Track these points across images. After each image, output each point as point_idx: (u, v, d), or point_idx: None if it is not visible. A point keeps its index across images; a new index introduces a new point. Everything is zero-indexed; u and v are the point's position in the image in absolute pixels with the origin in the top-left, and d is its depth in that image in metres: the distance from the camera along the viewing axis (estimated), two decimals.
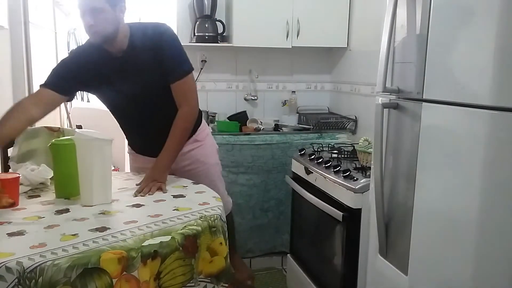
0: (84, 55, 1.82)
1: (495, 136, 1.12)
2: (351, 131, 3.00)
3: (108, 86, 1.81)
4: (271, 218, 2.89)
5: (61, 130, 2.03)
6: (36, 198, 1.57)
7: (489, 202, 1.15)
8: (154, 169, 1.75)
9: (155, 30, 1.80)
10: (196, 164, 1.99)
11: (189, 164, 1.98)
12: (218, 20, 2.97)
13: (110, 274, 1.08)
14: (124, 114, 1.94)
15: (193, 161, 1.99)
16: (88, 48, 1.81)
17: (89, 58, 1.79)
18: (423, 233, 1.37)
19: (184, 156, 1.94)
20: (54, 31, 3.81)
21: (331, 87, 3.37)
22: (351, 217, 1.87)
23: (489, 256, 1.16)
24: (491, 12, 1.11)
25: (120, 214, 1.42)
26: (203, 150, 2.02)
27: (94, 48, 1.77)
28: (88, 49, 1.81)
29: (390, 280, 1.55)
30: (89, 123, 2.20)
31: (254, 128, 2.93)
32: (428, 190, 1.35)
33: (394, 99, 1.53)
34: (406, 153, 1.46)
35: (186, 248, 1.25)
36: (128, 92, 1.80)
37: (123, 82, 1.79)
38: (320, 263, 2.24)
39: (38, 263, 1.04)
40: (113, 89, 1.82)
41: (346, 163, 2.16)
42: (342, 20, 3.04)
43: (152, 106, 1.85)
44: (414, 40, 1.42)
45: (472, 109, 1.16)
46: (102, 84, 1.81)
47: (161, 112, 1.84)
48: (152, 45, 1.76)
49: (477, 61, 1.16)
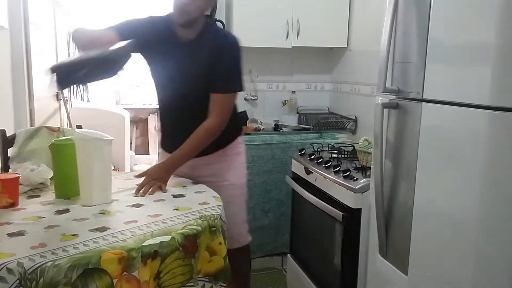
0: (157, 24, 1.85)
1: (495, 136, 1.12)
2: (351, 131, 3.00)
3: (161, 63, 1.84)
4: (272, 219, 2.89)
5: (61, 130, 2.02)
6: (36, 198, 1.57)
7: (489, 202, 1.15)
8: (158, 168, 1.75)
9: (226, 37, 1.86)
10: (215, 178, 1.88)
11: (209, 176, 1.88)
12: (218, 20, 2.95)
13: (110, 275, 1.08)
14: (165, 99, 1.91)
15: (213, 174, 1.89)
16: (162, 22, 1.84)
17: (159, 29, 1.83)
18: (423, 233, 1.38)
19: (206, 167, 1.89)
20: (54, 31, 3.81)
21: (331, 87, 3.37)
22: (351, 217, 1.87)
23: (489, 256, 1.16)
24: (491, 12, 1.11)
25: (120, 214, 1.42)
26: (228, 166, 1.93)
27: (167, 24, 1.82)
28: (162, 22, 1.84)
29: (390, 280, 1.55)
30: (89, 123, 2.20)
31: (254, 128, 2.93)
32: (428, 190, 1.35)
33: (394, 99, 1.53)
34: (406, 153, 1.46)
35: (186, 248, 1.25)
36: (176, 78, 1.82)
37: (176, 66, 1.81)
38: (320, 263, 2.24)
39: (38, 263, 1.04)
40: (164, 68, 1.83)
41: (346, 163, 2.16)
42: (342, 20, 3.04)
43: (191, 100, 1.83)
44: (414, 40, 1.42)
45: (472, 109, 1.16)
46: (156, 58, 1.84)
47: (197, 112, 1.81)
48: (216, 47, 1.78)
49: (477, 61, 1.16)
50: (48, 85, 1.51)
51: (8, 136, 1.97)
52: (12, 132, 2.04)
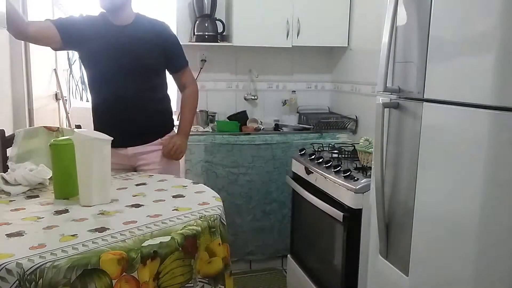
0: (91, 18, 2.01)
1: (496, 136, 1.11)
2: (352, 131, 2.99)
3: (103, 52, 1.93)
4: (273, 222, 2.88)
5: (60, 130, 2.02)
6: (35, 199, 1.56)
7: (490, 202, 1.14)
8: (178, 136, 2.05)
9: (161, 22, 2.06)
10: (154, 165, 2.04)
11: (148, 164, 2.04)
12: (218, 19, 2.96)
13: (110, 275, 1.07)
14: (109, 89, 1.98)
15: (152, 162, 2.04)
16: (98, 17, 2.00)
17: (95, 22, 1.98)
18: (424, 233, 1.37)
19: (144, 155, 2.03)
20: None
21: (331, 86, 3.36)
22: (351, 218, 1.86)
23: (490, 256, 1.16)
24: (492, 11, 1.10)
25: (120, 215, 1.41)
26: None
27: (101, 17, 1.98)
28: (96, 17, 2.01)
29: (391, 280, 1.54)
30: (88, 123, 2.19)
31: (254, 128, 2.92)
32: (429, 190, 1.34)
33: (394, 98, 1.52)
34: (407, 153, 1.46)
35: (186, 249, 1.24)
36: (123, 61, 1.93)
37: (117, 49, 1.93)
38: (320, 263, 2.23)
39: (38, 264, 1.03)
40: (108, 57, 1.93)
41: (346, 163, 2.15)
42: (343, 19, 3.04)
43: (133, 83, 1.95)
44: (415, 40, 1.42)
45: (473, 108, 1.16)
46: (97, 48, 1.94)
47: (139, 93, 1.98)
48: (159, 31, 2.01)
49: (478, 61, 1.15)
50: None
51: (7, 136, 1.97)
52: (11, 132, 2.04)
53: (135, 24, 1.97)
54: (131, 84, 1.95)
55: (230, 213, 2.68)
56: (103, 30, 1.95)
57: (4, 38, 2.66)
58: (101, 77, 1.98)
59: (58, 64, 3.89)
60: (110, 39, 1.94)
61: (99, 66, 1.97)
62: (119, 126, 1.93)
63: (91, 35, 1.94)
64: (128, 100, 1.96)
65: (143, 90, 1.97)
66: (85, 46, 1.97)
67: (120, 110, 1.98)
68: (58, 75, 3.81)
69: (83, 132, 1.54)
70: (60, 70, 4.01)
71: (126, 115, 1.97)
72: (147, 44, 1.96)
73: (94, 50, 1.95)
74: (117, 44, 1.93)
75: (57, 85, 3.80)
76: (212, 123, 2.96)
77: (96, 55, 1.95)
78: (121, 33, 1.95)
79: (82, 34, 1.93)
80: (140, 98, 1.97)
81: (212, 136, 2.73)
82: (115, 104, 1.98)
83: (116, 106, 1.98)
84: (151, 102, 2.01)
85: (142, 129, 2.01)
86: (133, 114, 1.98)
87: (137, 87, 1.96)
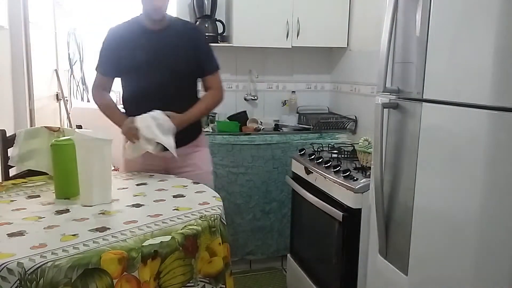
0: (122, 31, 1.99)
1: (495, 136, 1.12)
2: (351, 131, 2.99)
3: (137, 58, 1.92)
4: (273, 221, 2.88)
5: (61, 130, 2.03)
6: (36, 198, 1.57)
7: (489, 202, 1.14)
8: (178, 116, 1.90)
9: (192, 24, 2.10)
10: (192, 167, 2.03)
11: (186, 166, 2.01)
12: (218, 20, 2.97)
13: (110, 275, 1.08)
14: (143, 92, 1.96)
15: (190, 164, 2.02)
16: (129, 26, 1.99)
17: (128, 33, 1.97)
18: (423, 233, 1.38)
19: (183, 157, 1.97)
20: (54, 31, 3.81)
21: (331, 87, 3.37)
22: (351, 217, 1.87)
23: (489, 256, 1.16)
24: (491, 12, 1.11)
25: (120, 214, 1.42)
26: (201, 156, 2.09)
27: (135, 26, 1.97)
28: (129, 27, 1.99)
29: (390, 280, 1.55)
30: (89, 123, 2.19)
31: (254, 128, 2.93)
32: (428, 190, 1.35)
33: (394, 99, 1.53)
34: (406, 153, 1.46)
35: (186, 248, 1.25)
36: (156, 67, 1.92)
37: (154, 55, 1.92)
38: (320, 263, 2.24)
39: (38, 264, 1.04)
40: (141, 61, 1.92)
41: (346, 163, 2.16)
42: (342, 20, 3.04)
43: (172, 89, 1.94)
44: (414, 40, 1.42)
45: (472, 109, 1.16)
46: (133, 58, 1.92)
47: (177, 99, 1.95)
48: (192, 35, 2.01)
49: (477, 61, 1.16)
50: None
51: (8, 136, 1.97)
52: (12, 132, 2.04)
53: (170, 29, 1.96)
54: (169, 90, 1.94)
55: (230, 213, 2.68)
56: (138, 38, 1.94)
57: (5, 39, 2.67)
58: (140, 85, 1.97)
59: (59, 65, 3.90)
60: (146, 47, 1.93)
61: (136, 74, 1.96)
62: None
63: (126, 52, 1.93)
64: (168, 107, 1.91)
65: (181, 96, 1.97)
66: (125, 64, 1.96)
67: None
68: (59, 76, 3.81)
69: (84, 132, 1.55)
70: (61, 71, 4.02)
71: None
72: (181, 50, 1.95)
73: (131, 62, 1.93)
74: (153, 51, 1.92)
75: (58, 85, 3.81)
76: (212, 124, 2.96)
77: (134, 66, 1.94)
78: (157, 39, 1.93)
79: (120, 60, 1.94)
80: (178, 103, 1.94)
81: (212, 136, 2.73)
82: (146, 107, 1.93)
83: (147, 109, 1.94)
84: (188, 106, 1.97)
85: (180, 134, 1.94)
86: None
87: (175, 92, 1.95)
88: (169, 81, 1.93)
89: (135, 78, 1.97)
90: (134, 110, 1.92)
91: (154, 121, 1.83)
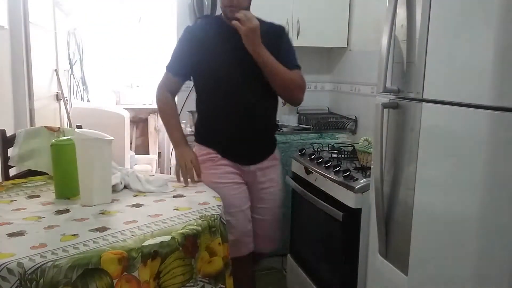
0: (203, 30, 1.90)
1: (495, 136, 1.12)
2: (351, 131, 2.99)
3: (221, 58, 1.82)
4: None
5: (61, 130, 2.03)
6: (36, 198, 1.57)
7: (490, 202, 1.14)
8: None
9: (280, 26, 1.99)
10: (271, 183, 1.98)
11: (266, 182, 1.95)
12: None
13: (110, 275, 1.08)
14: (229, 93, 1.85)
15: (269, 179, 1.97)
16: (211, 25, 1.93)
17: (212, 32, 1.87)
18: (423, 233, 1.37)
19: (263, 171, 1.93)
20: (54, 31, 3.81)
21: (331, 87, 3.37)
22: (351, 217, 1.87)
23: (490, 256, 1.16)
24: (491, 12, 1.11)
25: (120, 214, 1.42)
26: (278, 170, 2.04)
27: (217, 24, 1.89)
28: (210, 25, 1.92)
29: (390, 280, 1.55)
30: (89, 123, 2.20)
31: None
32: (428, 190, 1.35)
33: (394, 99, 1.53)
34: (406, 153, 1.46)
35: (186, 248, 1.25)
36: (242, 65, 1.80)
37: (237, 50, 1.78)
38: (320, 263, 2.24)
39: (39, 264, 1.04)
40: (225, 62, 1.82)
41: (346, 163, 2.16)
42: (342, 20, 3.04)
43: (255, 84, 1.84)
44: (414, 40, 1.42)
45: (472, 109, 1.16)
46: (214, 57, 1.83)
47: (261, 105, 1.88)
48: (276, 34, 1.92)
49: (477, 61, 1.16)
50: None
51: (8, 136, 1.97)
52: (12, 132, 2.04)
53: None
54: (254, 95, 1.85)
55: None
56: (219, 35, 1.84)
57: (5, 39, 2.67)
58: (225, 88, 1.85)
59: (59, 65, 3.90)
60: (229, 46, 1.82)
61: (219, 75, 1.84)
62: (248, 142, 1.87)
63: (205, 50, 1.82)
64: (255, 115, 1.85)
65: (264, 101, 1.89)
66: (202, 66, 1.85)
67: (249, 125, 1.87)
68: (59, 76, 3.81)
69: (84, 132, 1.55)
70: (61, 71, 4.02)
71: (255, 131, 1.88)
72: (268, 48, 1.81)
73: (212, 61, 1.84)
74: (237, 50, 1.78)
75: (58, 85, 3.81)
76: None
77: (215, 65, 1.83)
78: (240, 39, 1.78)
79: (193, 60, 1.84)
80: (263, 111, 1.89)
81: None
82: (243, 118, 1.86)
83: (244, 121, 1.86)
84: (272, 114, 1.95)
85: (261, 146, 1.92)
86: (261, 129, 1.90)
87: (259, 97, 1.87)
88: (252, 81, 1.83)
89: (218, 81, 1.84)
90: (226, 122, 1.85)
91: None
